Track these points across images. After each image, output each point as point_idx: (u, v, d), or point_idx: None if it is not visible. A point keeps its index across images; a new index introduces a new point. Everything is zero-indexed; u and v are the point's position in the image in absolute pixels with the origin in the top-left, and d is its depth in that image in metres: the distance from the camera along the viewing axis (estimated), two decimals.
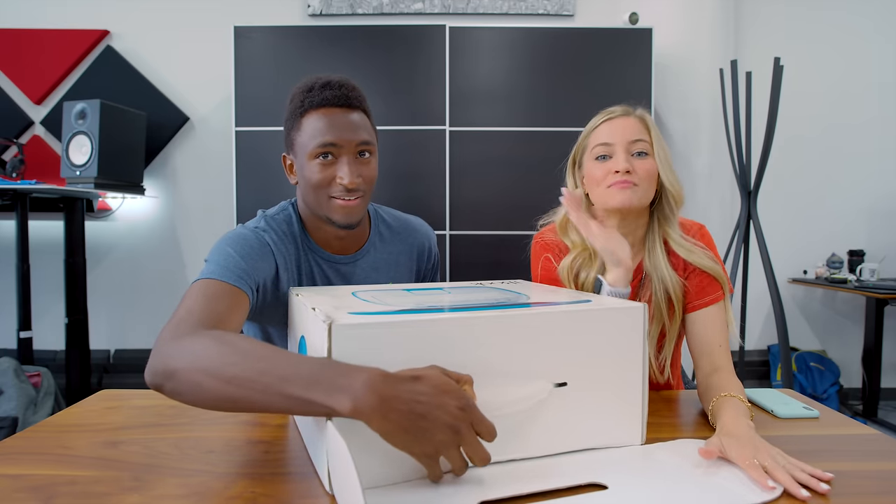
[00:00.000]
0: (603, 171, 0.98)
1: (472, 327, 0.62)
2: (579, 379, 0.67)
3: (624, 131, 0.97)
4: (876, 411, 2.76)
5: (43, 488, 0.58)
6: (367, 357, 0.57)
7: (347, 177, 0.90)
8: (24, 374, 2.07)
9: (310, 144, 0.90)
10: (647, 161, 0.96)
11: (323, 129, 0.89)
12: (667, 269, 0.97)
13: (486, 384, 0.61)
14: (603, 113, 1.03)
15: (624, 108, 1.02)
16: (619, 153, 0.96)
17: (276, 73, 2.65)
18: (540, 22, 2.99)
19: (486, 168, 2.68)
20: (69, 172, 2.48)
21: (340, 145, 0.90)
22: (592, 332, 0.67)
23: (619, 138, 0.97)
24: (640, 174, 0.95)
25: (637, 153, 0.96)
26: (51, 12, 2.94)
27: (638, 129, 0.98)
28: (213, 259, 0.84)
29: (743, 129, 2.51)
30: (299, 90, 0.94)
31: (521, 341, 0.64)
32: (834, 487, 0.60)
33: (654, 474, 0.64)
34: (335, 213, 0.92)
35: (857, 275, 2.81)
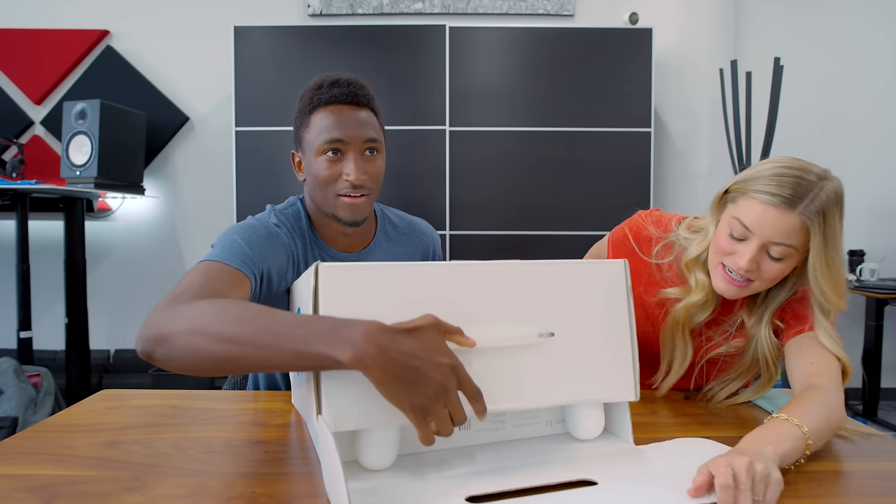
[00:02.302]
0: (728, 248, 0.83)
1: (458, 273, 0.64)
2: (567, 330, 0.68)
3: (772, 229, 0.79)
4: (876, 411, 2.76)
5: (43, 488, 0.58)
6: (356, 303, 0.59)
7: (353, 173, 0.90)
8: (24, 374, 2.07)
9: (317, 140, 0.91)
10: (781, 265, 0.81)
11: (331, 125, 0.90)
12: (767, 339, 0.88)
13: (472, 331, 0.62)
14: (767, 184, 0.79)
15: (792, 193, 0.77)
16: (753, 246, 0.80)
17: (276, 73, 2.65)
18: (540, 22, 2.99)
19: (486, 168, 2.68)
20: (69, 172, 2.48)
21: (347, 142, 0.91)
22: (577, 286, 0.69)
23: (764, 233, 0.79)
24: (763, 275, 0.82)
25: (773, 256, 0.80)
26: (51, 12, 2.94)
27: (791, 233, 0.78)
28: (218, 244, 0.85)
29: (743, 129, 2.51)
30: (309, 88, 0.95)
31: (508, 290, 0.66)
32: (834, 487, 0.60)
33: (644, 473, 0.64)
34: (341, 210, 0.93)
35: (857, 275, 2.81)
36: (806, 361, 0.81)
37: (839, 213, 0.79)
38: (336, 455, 0.50)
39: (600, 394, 0.69)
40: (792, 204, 0.77)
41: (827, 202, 0.78)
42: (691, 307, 0.90)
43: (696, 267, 0.90)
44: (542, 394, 0.66)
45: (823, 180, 0.79)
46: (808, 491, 0.60)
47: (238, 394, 0.97)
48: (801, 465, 0.65)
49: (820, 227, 0.77)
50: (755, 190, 0.80)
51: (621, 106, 2.65)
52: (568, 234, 2.65)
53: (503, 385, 0.64)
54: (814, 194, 0.77)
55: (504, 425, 0.72)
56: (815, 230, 0.77)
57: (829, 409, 0.71)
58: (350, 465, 0.63)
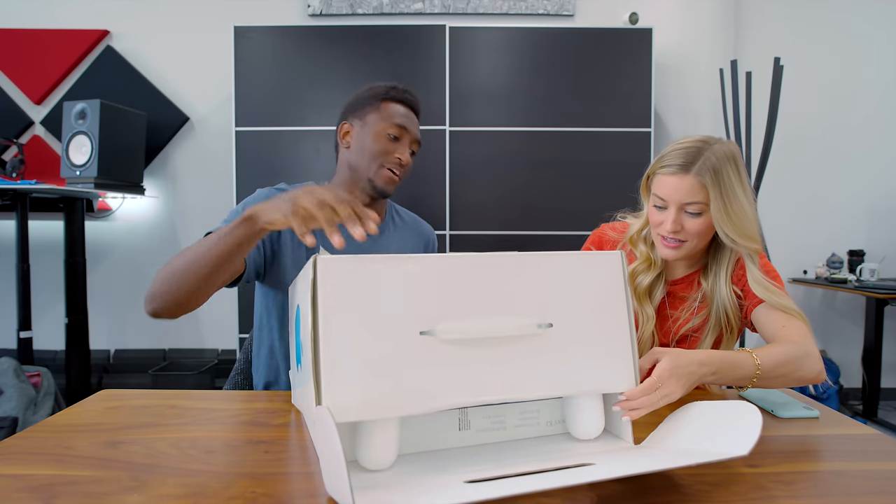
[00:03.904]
0: (657, 220, 1.00)
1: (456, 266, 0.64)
2: (565, 321, 0.68)
3: (677, 192, 0.95)
4: (876, 411, 2.76)
5: (43, 488, 0.58)
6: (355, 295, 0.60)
7: (404, 157, 1.14)
8: (24, 374, 2.07)
9: (386, 121, 1.12)
10: (700, 220, 0.96)
11: (402, 115, 1.14)
12: (727, 293, 1.01)
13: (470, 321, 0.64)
14: (668, 156, 0.97)
15: (685, 160, 0.95)
16: (671, 211, 0.97)
17: (276, 73, 2.65)
18: (540, 22, 2.99)
19: (486, 168, 2.68)
20: (69, 172, 2.48)
21: (407, 133, 1.14)
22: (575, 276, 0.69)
23: (673, 198, 0.96)
24: (690, 232, 0.97)
25: (689, 212, 0.96)
26: (51, 12, 2.94)
27: (692, 191, 0.94)
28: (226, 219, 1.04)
29: (743, 129, 2.51)
30: (381, 85, 1.16)
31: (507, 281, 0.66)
32: (834, 487, 0.60)
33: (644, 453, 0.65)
34: (381, 178, 1.13)
35: (857, 275, 2.81)
36: (778, 325, 0.93)
37: (733, 170, 0.94)
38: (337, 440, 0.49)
39: (600, 384, 0.69)
40: (686, 168, 0.94)
41: (717, 161, 0.93)
42: (635, 272, 1.07)
43: (639, 240, 1.09)
44: (541, 385, 0.66)
45: (712, 145, 0.96)
46: (809, 491, 0.60)
47: (238, 394, 0.97)
48: (745, 389, 0.85)
49: (713, 181, 0.93)
50: (660, 167, 0.98)
51: (621, 106, 2.65)
52: (568, 234, 2.65)
53: (502, 376, 0.64)
54: (704, 157, 0.94)
55: (504, 425, 0.72)
56: (710, 185, 0.93)
57: (791, 355, 0.85)
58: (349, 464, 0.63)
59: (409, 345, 0.61)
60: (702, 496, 0.58)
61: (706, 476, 0.62)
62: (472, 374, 0.63)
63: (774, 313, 0.95)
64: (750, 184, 0.98)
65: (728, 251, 1.03)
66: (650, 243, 1.08)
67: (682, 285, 1.09)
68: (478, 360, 0.62)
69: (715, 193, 0.93)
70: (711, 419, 0.66)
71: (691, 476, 0.62)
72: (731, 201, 0.93)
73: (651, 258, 1.07)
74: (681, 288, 1.09)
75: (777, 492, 0.59)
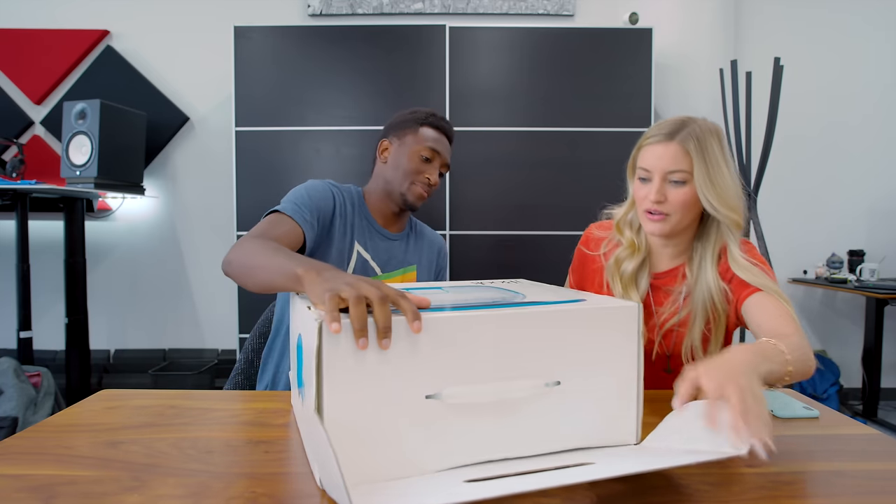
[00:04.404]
0: (642, 194, 1.02)
1: (465, 326, 0.62)
2: (573, 378, 0.66)
3: (661, 160, 0.97)
4: (876, 411, 2.76)
5: (43, 488, 0.58)
6: (358, 356, 0.57)
7: (434, 177, 1.28)
8: (24, 374, 2.07)
9: (422, 143, 1.26)
10: (683, 190, 0.97)
11: (436, 140, 1.28)
12: (713, 278, 1.01)
13: (478, 383, 0.62)
14: (652, 130, 1.01)
15: (669, 129, 0.98)
16: (655, 181, 0.99)
17: (276, 73, 2.65)
18: (540, 22, 2.99)
19: (486, 168, 2.68)
20: (69, 172, 2.49)
21: (438, 157, 1.29)
22: (586, 330, 0.67)
23: (657, 166, 0.98)
24: (674, 203, 0.98)
25: (673, 181, 0.98)
26: (51, 12, 2.95)
27: (676, 158, 0.96)
28: (288, 197, 1.17)
29: (743, 129, 2.51)
30: (422, 111, 1.31)
31: (515, 340, 0.64)
32: (834, 487, 0.60)
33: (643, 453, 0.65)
34: (412, 194, 1.27)
35: (857, 275, 2.81)
36: (770, 317, 0.92)
37: (716, 142, 0.97)
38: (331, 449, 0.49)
39: (602, 438, 0.69)
40: (670, 136, 0.97)
41: (701, 132, 0.96)
42: (619, 258, 1.09)
43: (624, 226, 1.10)
44: (545, 440, 0.66)
45: (695, 120, 0.99)
46: (808, 491, 0.60)
47: (238, 394, 0.97)
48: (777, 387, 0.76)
49: (697, 149, 0.95)
50: (645, 140, 1.01)
51: (621, 106, 2.65)
52: (568, 234, 2.65)
53: (506, 436, 0.64)
54: (689, 128, 0.97)
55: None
56: (694, 153, 0.95)
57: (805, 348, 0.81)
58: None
59: (414, 409, 0.60)
60: (702, 496, 0.58)
61: (706, 476, 0.62)
62: (477, 435, 0.62)
63: (765, 305, 0.95)
64: (734, 161, 1.00)
65: (713, 235, 1.03)
66: (636, 228, 1.09)
67: (667, 279, 1.09)
68: (483, 422, 0.62)
69: (699, 161, 0.95)
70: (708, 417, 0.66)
71: (691, 476, 0.62)
72: (714, 170, 0.96)
73: (636, 243, 1.08)
74: (665, 282, 1.09)
75: (777, 492, 0.59)
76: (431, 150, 1.26)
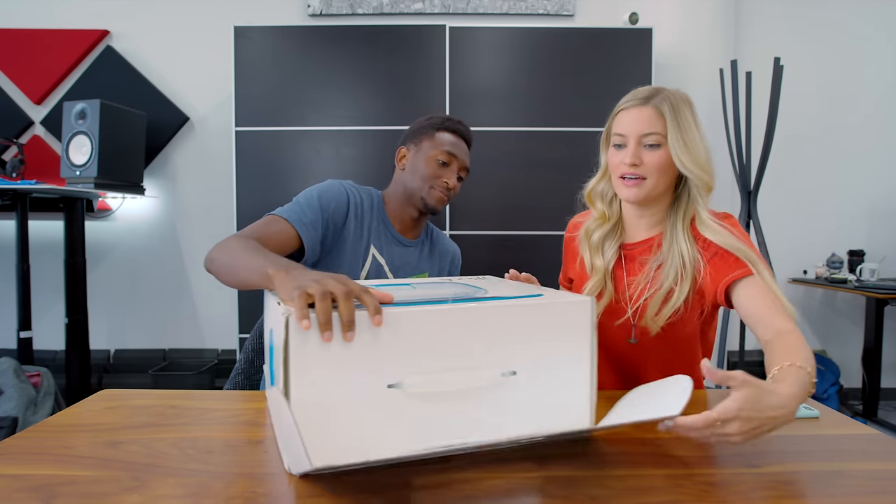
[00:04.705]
0: (617, 160, 1.02)
1: (424, 320, 0.65)
2: (529, 368, 0.69)
3: (636, 123, 0.99)
4: (876, 411, 2.76)
5: (43, 488, 0.58)
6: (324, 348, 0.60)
7: (452, 181, 1.28)
8: (24, 374, 2.07)
9: (439, 148, 1.27)
10: (658, 153, 0.99)
11: (452, 144, 1.28)
12: (684, 241, 1.01)
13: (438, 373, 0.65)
14: (626, 98, 1.04)
15: (644, 95, 1.01)
16: (631, 145, 1.00)
17: (276, 73, 2.66)
18: (540, 22, 2.99)
19: (485, 168, 2.68)
20: (69, 172, 2.48)
21: (456, 160, 1.28)
22: (542, 323, 0.70)
23: (632, 130, 1.00)
24: (649, 167, 0.99)
25: (648, 145, 0.99)
26: (51, 12, 2.95)
27: (651, 121, 0.98)
28: (297, 197, 1.18)
29: (743, 129, 2.51)
30: (438, 117, 1.32)
31: (472, 333, 0.67)
32: (834, 487, 0.60)
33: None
34: (431, 197, 1.26)
35: (857, 275, 2.81)
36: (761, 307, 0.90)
37: (688, 108, 1.00)
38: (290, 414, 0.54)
39: (558, 425, 0.70)
40: (645, 101, 1.00)
41: (674, 98, 1.00)
42: (589, 227, 1.12)
43: (596, 197, 1.13)
44: (501, 428, 0.68)
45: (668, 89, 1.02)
46: (808, 491, 0.60)
47: (238, 394, 0.97)
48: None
49: (670, 113, 0.98)
50: (619, 106, 1.04)
51: None
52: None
53: (464, 421, 0.67)
54: (662, 94, 1.00)
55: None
56: (667, 115, 0.98)
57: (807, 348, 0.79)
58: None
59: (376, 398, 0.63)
60: (702, 496, 0.58)
61: (706, 476, 0.63)
62: (435, 422, 0.66)
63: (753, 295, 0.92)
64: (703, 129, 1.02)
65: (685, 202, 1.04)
66: (608, 200, 1.11)
67: (641, 248, 1.08)
68: (441, 410, 0.65)
69: (672, 124, 0.97)
70: (655, 390, 0.72)
71: (691, 476, 0.62)
72: (687, 132, 0.98)
73: (606, 215, 1.10)
74: (640, 251, 1.08)
75: (777, 492, 0.59)
76: (448, 154, 1.26)
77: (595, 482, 0.61)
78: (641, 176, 1.00)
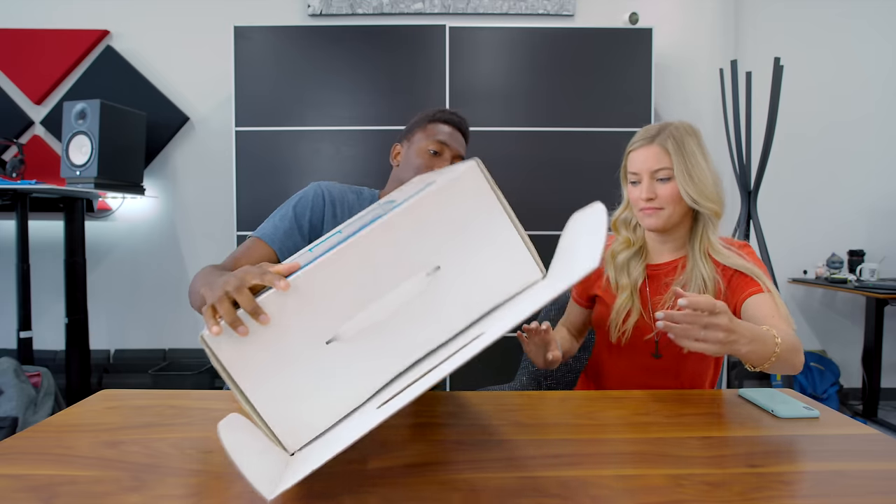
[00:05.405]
0: (635, 196, 1.12)
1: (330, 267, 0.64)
2: (450, 255, 0.67)
3: (645, 162, 1.08)
4: (876, 411, 2.76)
5: (43, 488, 0.58)
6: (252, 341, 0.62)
7: None
8: (24, 374, 2.07)
9: (429, 138, 1.24)
10: (669, 185, 1.07)
11: (444, 133, 1.25)
12: (704, 264, 1.09)
13: (366, 308, 0.65)
14: (635, 137, 1.13)
15: (651, 134, 1.09)
16: (644, 181, 1.09)
17: (276, 73, 2.65)
18: (540, 22, 2.99)
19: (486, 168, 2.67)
20: (69, 172, 2.48)
21: (448, 149, 1.25)
22: (442, 208, 0.68)
23: (643, 168, 1.09)
24: (663, 198, 1.08)
25: (660, 179, 1.08)
26: (51, 12, 2.94)
27: (658, 158, 1.07)
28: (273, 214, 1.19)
29: (743, 128, 2.51)
30: (431, 109, 1.30)
31: (382, 254, 0.65)
32: (834, 487, 0.60)
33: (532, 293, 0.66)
34: None
35: (857, 275, 2.81)
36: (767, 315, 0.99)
37: (693, 140, 1.08)
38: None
39: (509, 290, 0.69)
40: (651, 140, 1.09)
41: (677, 131, 1.07)
42: (615, 249, 1.19)
43: (621, 225, 1.21)
44: (459, 316, 0.67)
45: (674, 123, 1.10)
46: (809, 491, 0.60)
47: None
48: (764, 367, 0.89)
49: (675, 148, 1.06)
50: (629, 147, 1.13)
51: (621, 106, 2.65)
52: None
53: (422, 330, 0.66)
54: (667, 130, 1.08)
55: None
56: (672, 151, 1.06)
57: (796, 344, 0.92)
58: None
59: (321, 359, 0.64)
60: (702, 496, 0.58)
61: (706, 476, 0.63)
62: (384, 355, 0.65)
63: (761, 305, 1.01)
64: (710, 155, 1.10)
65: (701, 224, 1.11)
66: (632, 226, 1.19)
67: (667, 269, 1.15)
68: (385, 340, 0.65)
69: (678, 158, 1.06)
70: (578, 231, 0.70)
71: (691, 476, 0.62)
72: (692, 165, 1.06)
73: (630, 240, 1.18)
74: (665, 272, 1.15)
75: (777, 492, 0.59)
76: (439, 143, 1.24)
77: (595, 482, 0.61)
78: (659, 207, 1.08)
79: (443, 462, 0.66)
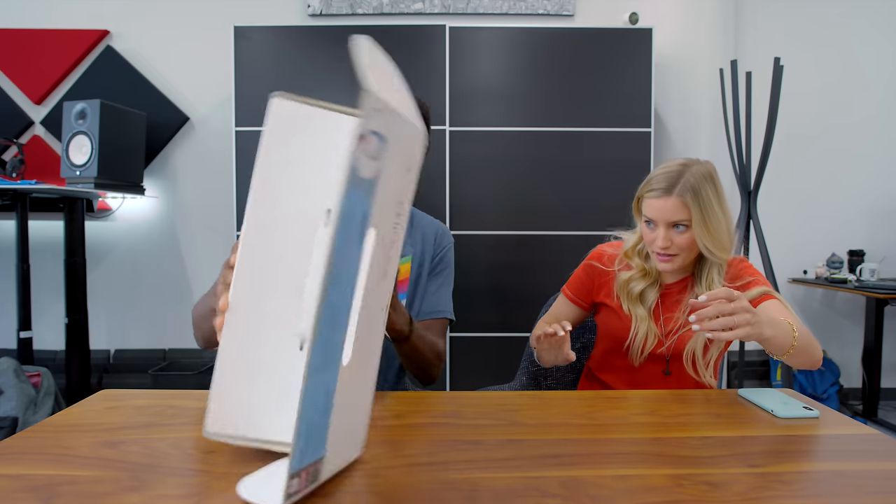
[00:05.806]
0: (650, 238, 1.13)
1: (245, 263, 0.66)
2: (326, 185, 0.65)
3: (663, 213, 1.09)
4: (876, 411, 2.76)
5: (43, 488, 0.58)
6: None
7: None
8: (24, 374, 2.07)
9: None
10: (686, 234, 1.09)
11: None
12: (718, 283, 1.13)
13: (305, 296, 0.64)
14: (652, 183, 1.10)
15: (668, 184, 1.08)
16: (661, 230, 1.10)
17: (276, 73, 2.65)
18: (540, 22, 2.99)
19: (486, 168, 2.68)
20: (69, 172, 2.48)
21: None
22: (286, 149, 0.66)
23: (660, 218, 1.09)
24: (679, 246, 1.10)
25: (676, 228, 1.09)
26: (51, 12, 2.94)
27: (676, 210, 1.07)
28: None
29: (743, 128, 2.51)
30: None
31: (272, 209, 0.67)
32: (834, 487, 0.60)
33: None
34: None
35: (857, 275, 2.81)
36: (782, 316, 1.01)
37: (711, 187, 1.08)
38: None
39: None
40: (668, 192, 1.07)
41: (695, 181, 1.07)
42: (630, 279, 1.19)
43: (634, 254, 1.21)
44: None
45: (689, 167, 1.09)
46: (808, 491, 0.60)
47: None
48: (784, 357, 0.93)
49: (694, 200, 1.06)
50: (646, 192, 1.11)
51: (621, 106, 2.65)
52: (568, 233, 2.65)
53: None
54: (684, 179, 1.07)
55: None
56: (691, 204, 1.06)
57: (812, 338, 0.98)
58: None
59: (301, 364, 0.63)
60: (702, 496, 0.58)
61: (706, 476, 0.63)
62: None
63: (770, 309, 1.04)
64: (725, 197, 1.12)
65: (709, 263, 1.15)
66: (645, 255, 1.20)
67: (678, 288, 1.19)
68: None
69: (696, 210, 1.06)
70: None
71: (691, 476, 0.62)
72: (709, 217, 1.07)
73: (645, 269, 1.19)
74: (676, 291, 1.19)
75: (777, 492, 0.59)
76: None
77: (595, 482, 0.61)
78: (674, 254, 1.11)
79: (443, 462, 0.66)
